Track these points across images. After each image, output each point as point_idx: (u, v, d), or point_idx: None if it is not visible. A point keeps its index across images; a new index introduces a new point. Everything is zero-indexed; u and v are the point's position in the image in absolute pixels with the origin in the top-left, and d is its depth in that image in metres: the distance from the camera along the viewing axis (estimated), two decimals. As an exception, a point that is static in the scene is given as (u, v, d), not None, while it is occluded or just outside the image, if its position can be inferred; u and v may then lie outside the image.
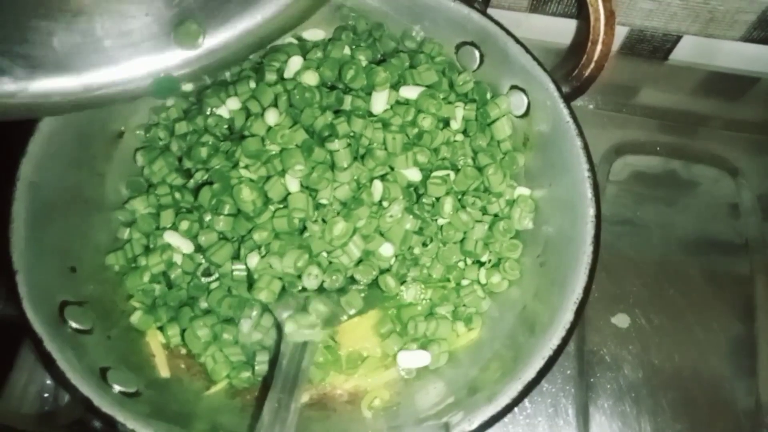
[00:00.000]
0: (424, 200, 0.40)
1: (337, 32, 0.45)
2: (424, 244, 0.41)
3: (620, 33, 0.57)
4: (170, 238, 0.39)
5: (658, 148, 0.56)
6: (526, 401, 0.46)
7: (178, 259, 0.39)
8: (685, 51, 0.58)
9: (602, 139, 0.56)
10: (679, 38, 0.57)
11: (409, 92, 0.41)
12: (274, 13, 0.31)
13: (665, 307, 0.50)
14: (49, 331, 0.32)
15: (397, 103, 0.41)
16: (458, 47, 0.45)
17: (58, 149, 0.38)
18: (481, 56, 0.44)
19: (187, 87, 0.35)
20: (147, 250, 0.40)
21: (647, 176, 0.56)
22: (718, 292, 0.51)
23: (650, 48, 0.58)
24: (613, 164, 0.56)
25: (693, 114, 0.58)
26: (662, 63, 0.59)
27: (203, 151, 0.40)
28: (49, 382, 0.42)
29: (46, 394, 0.42)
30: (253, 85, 0.42)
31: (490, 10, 0.51)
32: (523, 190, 0.43)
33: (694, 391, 0.48)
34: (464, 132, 0.43)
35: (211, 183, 0.39)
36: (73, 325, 0.35)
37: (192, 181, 0.41)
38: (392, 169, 0.40)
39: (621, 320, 0.49)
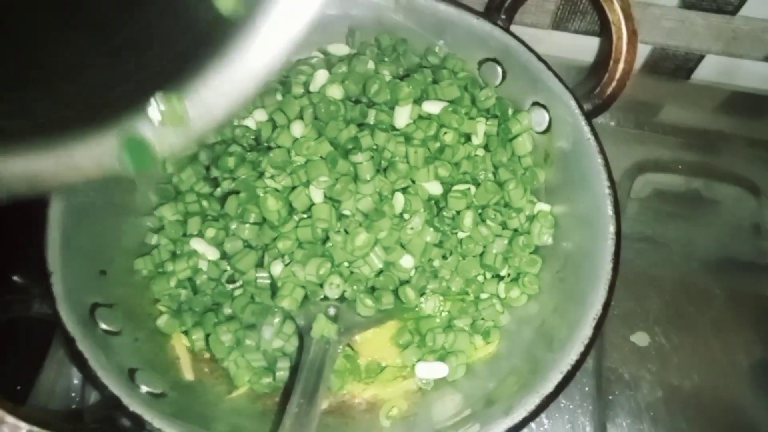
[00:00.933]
0: (444, 213, 0.41)
1: (362, 47, 0.46)
2: (444, 257, 0.41)
3: (643, 51, 0.57)
4: (196, 244, 0.40)
5: (680, 167, 0.56)
6: (544, 417, 0.46)
7: (203, 265, 0.40)
8: (708, 70, 0.58)
9: (623, 157, 0.56)
10: (701, 57, 0.57)
11: (432, 107, 0.42)
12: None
13: (685, 327, 0.50)
14: (81, 331, 0.33)
15: (420, 117, 0.42)
16: (481, 63, 0.45)
17: (93, 156, 0.39)
18: (504, 72, 0.45)
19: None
20: (174, 256, 0.41)
21: (669, 194, 0.56)
22: (740, 311, 0.51)
23: (673, 66, 0.58)
24: (635, 181, 0.56)
25: (715, 133, 0.58)
26: (685, 81, 0.59)
27: (230, 161, 0.42)
28: (76, 381, 0.43)
29: (73, 393, 0.43)
30: (279, 97, 0.43)
31: (513, 27, 0.52)
32: (543, 206, 0.43)
33: (714, 412, 0.47)
34: (485, 147, 0.44)
35: (237, 192, 0.40)
36: (103, 326, 0.36)
37: (219, 189, 0.42)
38: (414, 182, 0.41)
39: (640, 338, 0.49)
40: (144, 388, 0.34)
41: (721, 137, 0.58)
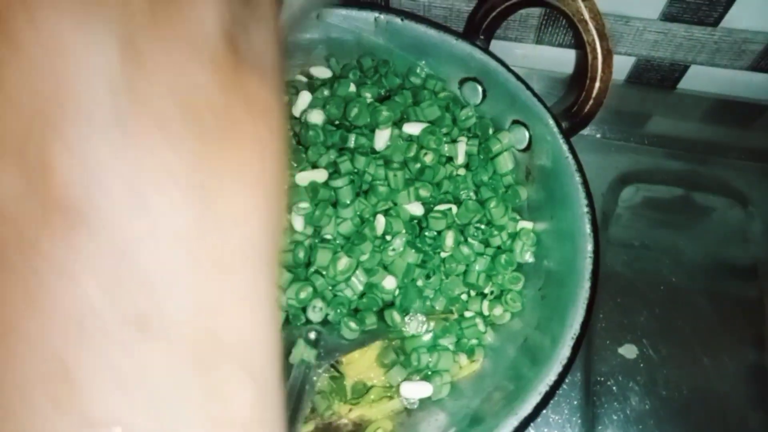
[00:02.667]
0: (426, 234, 0.41)
1: (345, 69, 0.47)
2: (428, 277, 0.42)
3: (627, 62, 0.57)
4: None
5: (667, 177, 0.56)
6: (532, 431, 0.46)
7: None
8: (694, 79, 0.58)
9: (610, 168, 0.56)
10: (686, 67, 0.57)
11: (412, 128, 0.42)
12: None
13: (674, 337, 0.50)
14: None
15: (400, 139, 0.42)
16: (462, 82, 0.46)
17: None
18: (484, 91, 0.45)
19: None
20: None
21: (658, 203, 0.56)
22: (728, 322, 0.51)
23: (658, 77, 0.59)
24: (623, 192, 0.56)
25: (702, 142, 0.58)
26: (670, 91, 0.60)
27: None
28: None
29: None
30: None
31: (497, 42, 0.52)
32: (525, 224, 0.43)
33: (703, 423, 0.48)
34: (467, 166, 0.44)
35: None
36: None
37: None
38: (395, 204, 0.41)
39: (628, 350, 0.49)
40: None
41: (708, 146, 0.58)
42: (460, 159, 0.44)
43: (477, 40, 0.45)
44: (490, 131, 0.45)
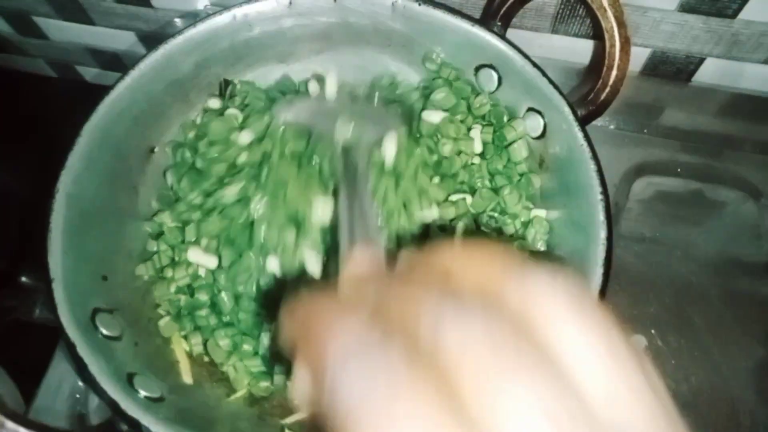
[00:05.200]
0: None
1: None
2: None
3: (642, 54, 0.57)
4: (193, 255, 0.41)
5: (680, 170, 0.56)
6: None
7: (202, 272, 0.41)
8: (709, 73, 0.58)
9: (624, 159, 0.56)
10: (702, 60, 0.56)
11: (432, 117, 0.42)
12: None
13: (683, 329, 0.50)
14: (81, 336, 0.34)
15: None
16: (477, 69, 0.46)
17: (96, 162, 0.40)
18: (500, 78, 0.45)
19: None
20: (173, 263, 0.42)
21: (669, 196, 0.56)
22: (739, 315, 0.51)
23: (673, 69, 0.58)
24: (636, 184, 0.56)
25: (717, 135, 0.58)
26: (686, 84, 0.59)
27: (223, 167, 0.42)
28: (80, 384, 0.44)
29: (77, 395, 0.44)
30: (267, 119, 0.43)
31: (513, 31, 0.52)
32: (538, 212, 0.43)
33: (712, 416, 0.47)
34: (481, 155, 0.44)
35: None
36: (104, 331, 0.36)
37: (211, 200, 0.42)
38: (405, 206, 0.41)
39: (637, 341, 0.49)
40: (143, 393, 0.35)
41: (722, 140, 0.58)
42: (477, 147, 0.44)
43: (494, 27, 0.45)
44: (505, 119, 0.44)
